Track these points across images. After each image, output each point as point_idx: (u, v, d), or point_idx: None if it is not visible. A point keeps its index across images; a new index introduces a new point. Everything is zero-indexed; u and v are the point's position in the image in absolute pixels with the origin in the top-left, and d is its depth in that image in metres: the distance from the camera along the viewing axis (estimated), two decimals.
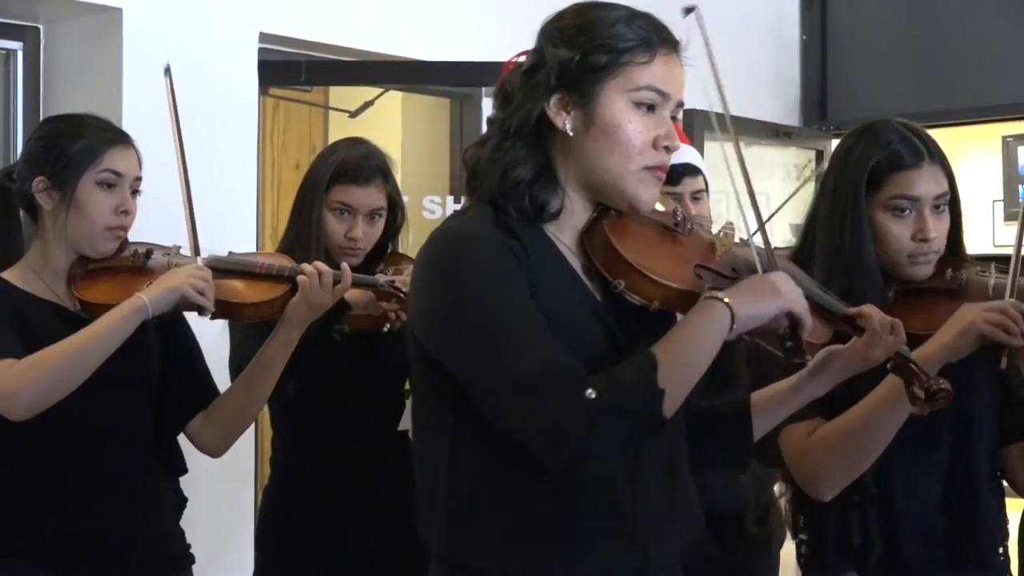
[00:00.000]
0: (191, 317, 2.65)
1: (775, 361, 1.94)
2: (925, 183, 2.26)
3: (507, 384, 1.72)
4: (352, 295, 2.81)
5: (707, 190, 3.01)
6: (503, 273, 1.77)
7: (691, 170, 2.97)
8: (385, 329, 2.84)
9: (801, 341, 1.86)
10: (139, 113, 3.63)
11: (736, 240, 1.99)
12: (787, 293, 1.84)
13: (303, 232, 3.01)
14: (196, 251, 2.61)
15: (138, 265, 2.62)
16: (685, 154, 2.97)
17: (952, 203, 2.32)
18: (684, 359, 1.77)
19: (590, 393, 1.69)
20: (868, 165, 2.27)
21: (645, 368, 1.73)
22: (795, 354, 1.87)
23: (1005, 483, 2.39)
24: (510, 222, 1.83)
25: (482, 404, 1.77)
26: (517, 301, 1.75)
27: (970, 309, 2.17)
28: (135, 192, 2.61)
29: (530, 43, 1.93)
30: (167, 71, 2.70)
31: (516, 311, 1.75)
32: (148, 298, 2.45)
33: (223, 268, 2.67)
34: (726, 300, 1.78)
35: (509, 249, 1.78)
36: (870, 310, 2.03)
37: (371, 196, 3.02)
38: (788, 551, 2.47)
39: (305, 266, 2.67)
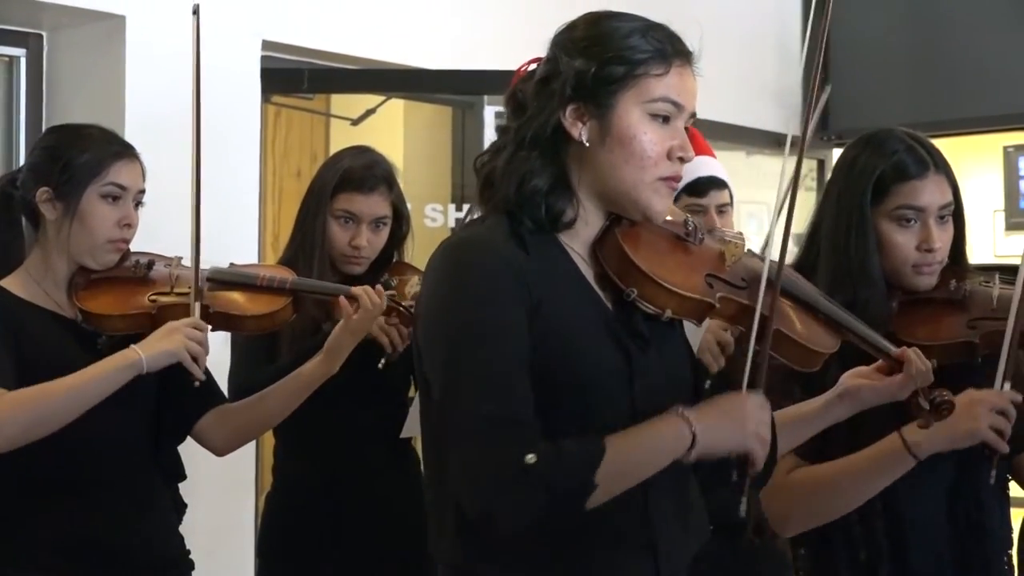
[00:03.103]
0: None
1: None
2: (930, 193, 2.26)
3: (462, 416, 1.74)
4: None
5: (732, 203, 3.02)
6: (498, 302, 1.77)
7: (717, 183, 2.97)
8: (380, 364, 2.86)
9: (745, 480, 1.84)
10: (142, 120, 3.64)
11: (746, 251, 2.00)
12: (752, 433, 1.82)
13: (307, 240, 3.02)
14: (197, 266, 2.60)
15: (139, 276, 2.63)
16: (711, 167, 2.98)
17: (956, 213, 2.32)
18: (630, 462, 1.77)
19: (530, 458, 1.69)
20: (873, 175, 2.27)
21: (591, 457, 1.73)
22: (736, 491, 1.85)
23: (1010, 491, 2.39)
24: (523, 232, 1.83)
25: (438, 422, 1.80)
26: (502, 336, 1.75)
27: (979, 409, 2.15)
28: (138, 204, 2.62)
29: (533, 52, 1.93)
30: (195, 11, 2.64)
31: (497, 347, 1.75)
32: (145, 356, 2.45)
33: (223, 280, 2.67)
34: (694, 428, 1.77)
35: (516, 271, 1.78)
36: (914, 354, 2.04)
37: (375, 204, 3.02)
38: None
39: (353, 290, 2.69)
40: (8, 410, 2.39)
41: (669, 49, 1.85)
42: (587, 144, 1.84)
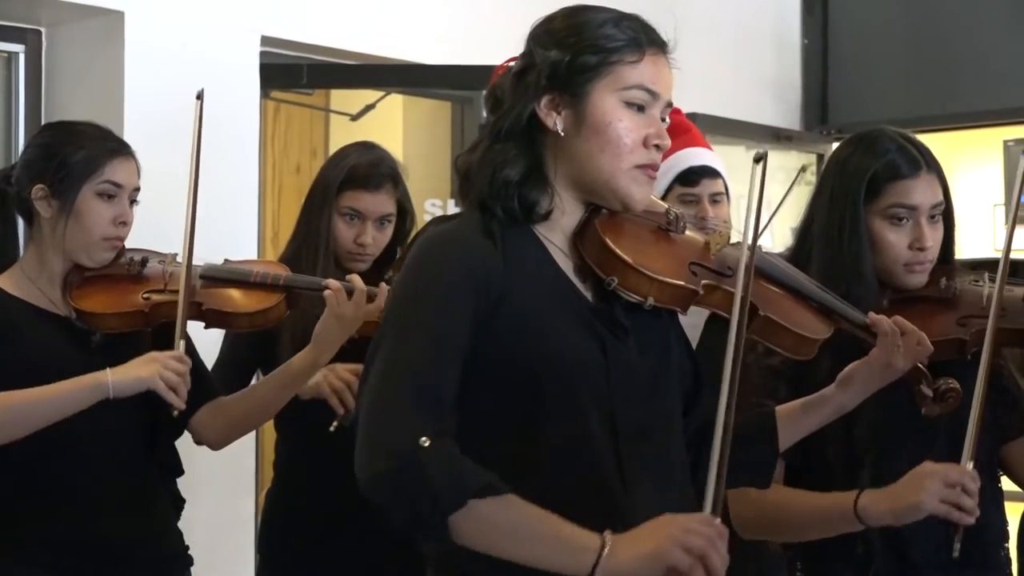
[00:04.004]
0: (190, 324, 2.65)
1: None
2: (922, 192, 2.28)
3: (364, 397, 1.75)
4: None
5: (727, 193, 3.00)
6: (438, 302, 1.77)
7: (710, 172, 2.94)
8: (332, 428, 2.85)
9: None
10: (140, 116, 3.65)
11: (730, 242, 2.00)
12: (673, 543, 1.67)
13: (311, 237, 3.01)
14: (189, 267, 2.60)
15: (134, 273, 2.63)
16: (704, 157, 2.96)
17: (946, 212, 2.33)
18: (516, 528, 1.72)
19: (423, 441, 1.68)
20: (867, 174, 2.28)
21: (485, 485, 1.70)
22: None
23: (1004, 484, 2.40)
24: (495, 226, 1.84)
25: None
26: (428, 333, 1.76)
27: (930, 480, 2.10)
28: (133, 202, 2.63)
29: None
30: (200, 96, 2.64)
31: (417, 343, 1.75)
32: (112, 381, 2.45)
33: (217, 277, 2.68)
34: (606, 538, 1.68)
35: (473, 268, 1.79)
36: (880, 317, 2.04)
37: (381, 202, 3.02)
38: None
39: (330, 281, 2.66)
40: None
41: (643, 38, 1.87)
42: (562, 134, 1.85)
